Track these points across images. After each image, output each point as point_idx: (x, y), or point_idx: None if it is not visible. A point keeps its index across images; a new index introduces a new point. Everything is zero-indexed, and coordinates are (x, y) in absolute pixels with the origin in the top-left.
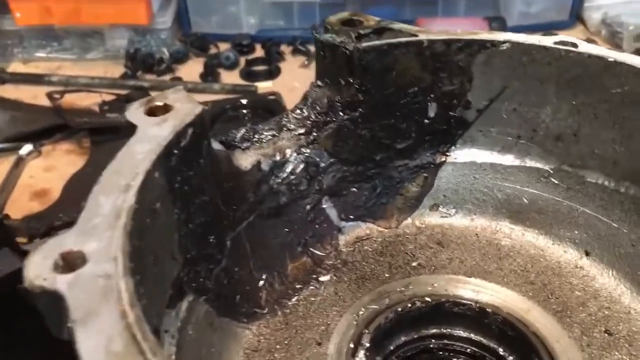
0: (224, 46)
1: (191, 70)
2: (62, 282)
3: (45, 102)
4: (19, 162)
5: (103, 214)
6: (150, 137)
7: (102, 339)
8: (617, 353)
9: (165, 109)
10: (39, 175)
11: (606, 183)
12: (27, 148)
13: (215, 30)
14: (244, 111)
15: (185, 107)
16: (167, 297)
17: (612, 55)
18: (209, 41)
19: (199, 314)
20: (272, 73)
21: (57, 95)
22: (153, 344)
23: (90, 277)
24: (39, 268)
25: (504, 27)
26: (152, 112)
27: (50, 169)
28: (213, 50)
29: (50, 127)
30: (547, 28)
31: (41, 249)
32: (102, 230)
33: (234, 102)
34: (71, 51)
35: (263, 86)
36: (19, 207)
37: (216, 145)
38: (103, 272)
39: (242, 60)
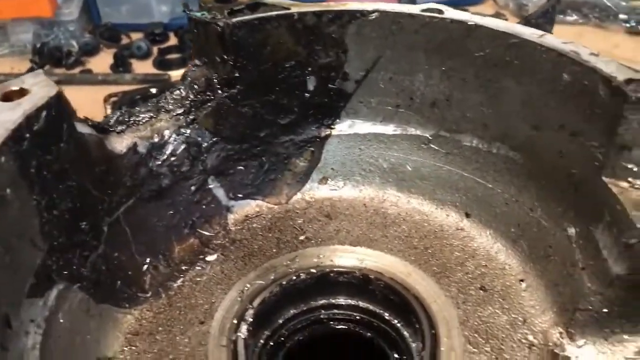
0: (136, 36)
1: (102, 61)
2: None
3: None
4: None
5: None
6: (0, 123)
7: None
8: (490, 307)
9: (22, 93)
10: None
11: (480, 145)
12: None
13: (126, 20)
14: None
15: (41, 91)
16: (26, 285)
17: (473, 19)
18: (119, 31)
19: (72, 302)
20: (186, 61)
21: None
22: None
23: None
24: None
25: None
26: (7, 97)
27: None
28: (125, 41)
29: None
30: (460, 4)
31: None
32: None
33: (144, 92)
34: None
35: (176, 74)
36: None
37: (84, 129)
38: None
39: (155, 50)
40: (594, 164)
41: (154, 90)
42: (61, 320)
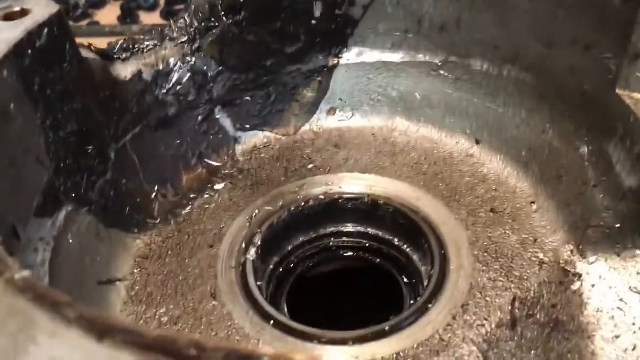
0: None
1: (109, 13)
2: None
3: None
4: None
5: None
6: (1, 39)
7: None
8: (500, 228)
9: (23, 13)
10: None
11: (490, 69)
12: None
13: None
14: None
15: (42, 10)
16: (33, 203)
17: None
18: None
19: (81, 224)
20: None
21: None
22: None
23: None
24: None
25: None
26: (9, 17)
27: None
28: None
29: None
30: None
31: None
32: None
33: None
34: None
35: None
36: None
37: (88, 54)
38: None
39: (162, 0)
40: (607, 77)
41: None
42: (70, 241)
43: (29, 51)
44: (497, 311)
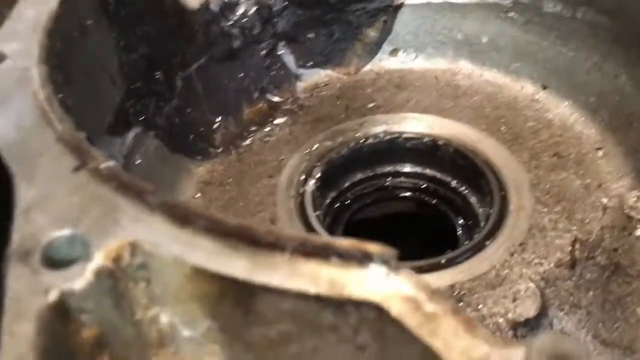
0: None
1: None
2: None
3: None
4: None
5: (26, 20)
6: None
7: (12, 116)
8: (564, 173)
9: None
10: None
11: (563, 11)
12: None
13: None
14: None
15: None
16: (107, 119)
17: None
18: None
19: (148, 147)
20: None
21: None
22: (61, 114)
23: (8, 70)
24: None
25: None
26: None
27: None
28: None
29: None
30: None
31: None
32: (23, 34)
33: None
34: None
35: None
36: None
37: None
38: (21, 66)
39: None
40: None
41: None
42: (138, 161)
43: None
44: (557, 251)
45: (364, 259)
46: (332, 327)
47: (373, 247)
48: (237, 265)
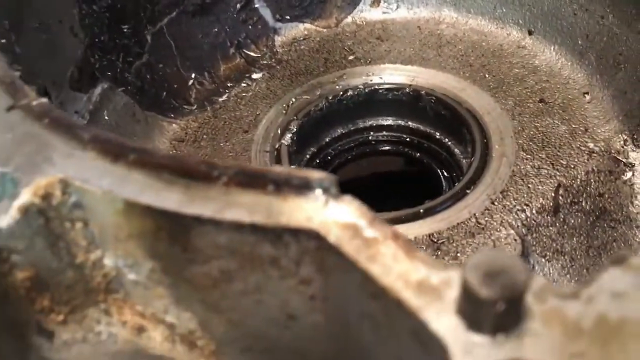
0: None
1: None
2: None
3: None
4: None
5: None
6: None
7: None
8: (549, 119)
9: None
10: None
11: None
12: None
13: None
14: None
15: None
16: (69, 73)
17: None
18: None
19: (117, 104)
20: None
21: None
22: None
23: None
24: None
25: None
26: None
27: None
28: None
29: None
30: None
31: None
32: None
33: None
34: None
35: None
36: None
37: None
38: None
39: None
40: None
41: None
42: (106, 117)
43: None
44: (540, 198)
45: (302, 186)
46: (273, 260)
47: (312, 174)
48: (170, 198)
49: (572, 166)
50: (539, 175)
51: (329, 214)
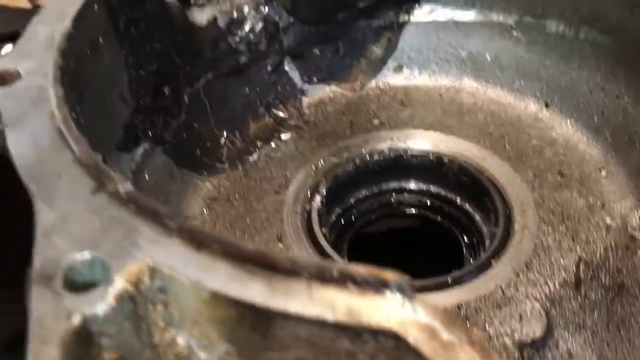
0: None
1: None
2: None
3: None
4: None
5: (39, 38)
6: None
7: (30, 136)
8: (567, 192)
9: None
10: None
11: (566, 31)
12: (8, 48)
13: None
14: None
15: None
16: (117, 136)
17: None
18: None
19: (156, 162)
20: None
21: None
22: (77, 135)
23: (23, 89)
24: None
25: None
26: None
27: None
28: None
29: None
30: None
31: None
32: (37, 53)
33: None
34: None
35: None
36: None
37: None
38: (36, 85)
39: None
40: None
41: None
42: (147, 177)
43: None
44: (562, 271)
45: (381, 286)
46: (349, 354)
47: (389, 275)
48: (255, 289)
49: (592, 241)
50: (560, 249)
51: (406, 314)
